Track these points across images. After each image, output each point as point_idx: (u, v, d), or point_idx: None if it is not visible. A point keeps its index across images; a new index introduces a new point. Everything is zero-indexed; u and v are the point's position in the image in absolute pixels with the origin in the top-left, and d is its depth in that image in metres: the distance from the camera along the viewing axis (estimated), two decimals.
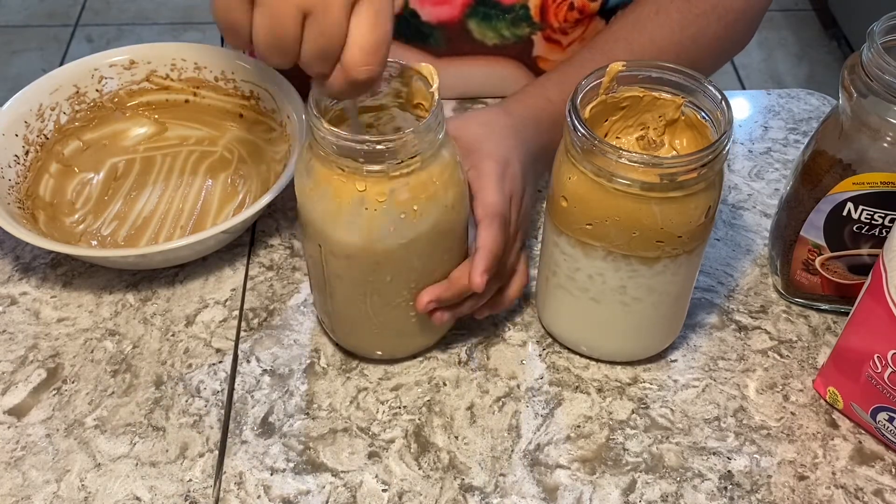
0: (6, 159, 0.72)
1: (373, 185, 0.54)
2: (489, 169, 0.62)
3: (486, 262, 0.58)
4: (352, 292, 0.60)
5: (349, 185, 0.54)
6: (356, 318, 0.61)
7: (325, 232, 0.56)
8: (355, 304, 0.60)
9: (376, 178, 0.54)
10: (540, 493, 0.58)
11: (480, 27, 0.81)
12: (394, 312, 0.61)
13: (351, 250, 0.56)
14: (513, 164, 0.64)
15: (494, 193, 0.61)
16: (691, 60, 0.70)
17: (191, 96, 0.81)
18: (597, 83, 0.58)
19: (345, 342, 0.65)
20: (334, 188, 0.54)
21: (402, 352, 0.65)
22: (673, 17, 0.73)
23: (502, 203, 0.61)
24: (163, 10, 2.45)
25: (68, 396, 0.63)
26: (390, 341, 0.64)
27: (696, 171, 0.53)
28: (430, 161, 0.55)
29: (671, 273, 0.58)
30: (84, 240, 0.72)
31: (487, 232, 0.59)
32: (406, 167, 0.54)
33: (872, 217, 0.61)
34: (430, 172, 0.55)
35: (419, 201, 0.55)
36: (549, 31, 0.81)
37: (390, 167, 0.53)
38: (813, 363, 0.66)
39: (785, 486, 0.59)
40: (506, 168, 0.63)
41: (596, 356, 0.66)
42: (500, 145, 0.64)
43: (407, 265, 0.58)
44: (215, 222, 0.73)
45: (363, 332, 0.63)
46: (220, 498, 0.58)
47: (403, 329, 0.62)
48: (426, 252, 0.58)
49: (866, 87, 0.57)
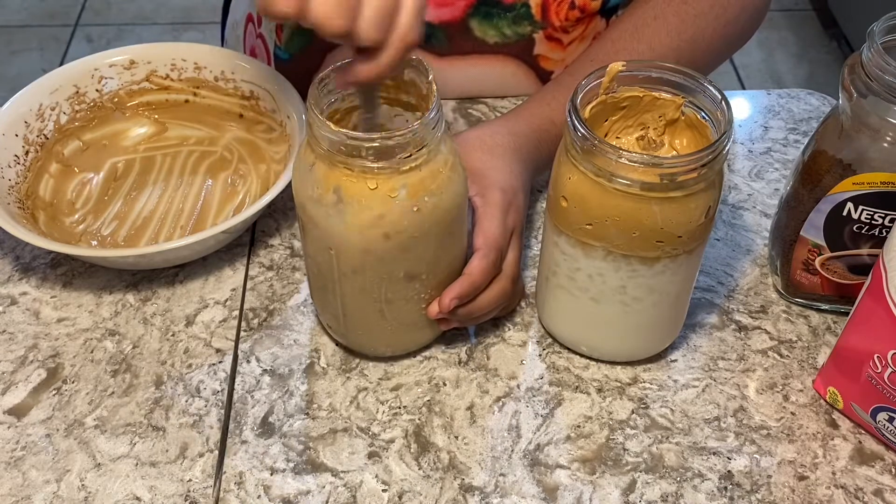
0: (6, 159, 0.72)
1: (384, 181, 0.54)
2: (495, 199, 0.63)
3: (463, 289, 0.60)
4: (364, 292, 0.59)
5: (359, 184, 0.54)
6: (368, 317, 0.61)
7: (337, 233, 0.56)
8: (368, 303, 0.60)
9: (387, 175, 0.54)
10: (540, 493, 0.58)
11: (482, 26, 0.81)
12: (406, 307, 0.61)
13: (365, 249, 0.56)
14: (518, 196, 0.65)
15: (497, 226, 0.62)
16: (690, 62, 0.71)
17: (191, 96, 0.81)
18: (597, 83, 0.58)
19: (354, 342, 0.65)
20: (344, 189, 0.54)
21: (412, 345, 0.65)
22: (671, 22, 0.73)
23: (502, 237, 0.62)
24: (163, 10, 2.45)
25: (68, 396, 0.63)
26: (401, 336, 0.64)
27: (696, 171, 0.53)
28: (435, 152, 0.55)
29: (671, 273, 0.58)
30: (84, 240, 0.72)
31: (480, 262, 0.61)
32: (414, 161, 0.54)
33: (872, 217, 0.61)
34: (438, 163, 0.56)
35: (430, 192, 0.55)
36: (550, 29, 0.81)
37: (401, 162, 0.54)
38: (813, 363, 0.66)
39: (785, 486, 0.59)
40: (512, 199, 0.64)
41: (596, 356, 0.66)
42: (506, 172, 0.66)
43: (419, 258, 0.58)
44: (215, 222, 0.73)
45: (375, 330, 0.63)
46: (220, 498, 0.58)
47: (415, 322, 0.63)
48: (437, 243, 0.58)
49: (866, 87, 0.57)
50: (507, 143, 0.68)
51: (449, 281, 0.61)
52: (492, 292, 0.62)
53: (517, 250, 0.64)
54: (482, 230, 0.62)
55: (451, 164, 0.57)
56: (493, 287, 0.62)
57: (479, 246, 0.61)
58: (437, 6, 0.80)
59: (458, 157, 0.58)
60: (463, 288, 0.60)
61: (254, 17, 0.92)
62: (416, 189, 0.55)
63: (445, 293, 0.60)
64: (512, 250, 0.64)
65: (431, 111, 0.54)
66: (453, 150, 0.58)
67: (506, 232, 0.63)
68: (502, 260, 0.63)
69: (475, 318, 0.63)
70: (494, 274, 0.62)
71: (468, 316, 0.62)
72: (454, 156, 0.57)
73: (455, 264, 0.61)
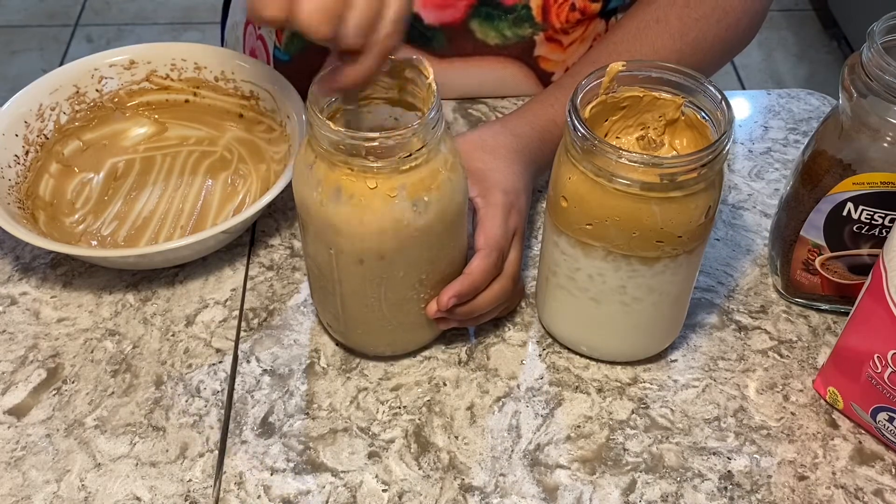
0: (6, 159, 0.72)
1: (383, 181, 0.54)
2: (497, 200, 0.64)
3: (463, 288, 0.61)
4: (364, 291, 0.60)
5: (359, 183, 0.54)
6: (368, 317, 0.61)
7: (337, 232, 0.56)
8: (367, 303, 0.60)
9: (386, 175, 0.54)
10: (540, 493, 0.58)
11: (483, 27, 0.81)
12: (406, 306, 0.61)
13: (365, 248, 0.56)
14: (520, 198, 0.66)
15: (499, 227, 0.62)
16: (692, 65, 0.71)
17: (191, 96, 0.81)
18: (597, 83, 0.58)
19: (354, 342, 0.65)
20: (344, 188, 0.54)
21: (412, 345, 0.65)
22: (673, 25, 0.73)
23: (504, 238, 0.63)
24: (163, 10, 2.45)
25: (68, 396, 0.63)
26: (400, 336, 0.64)
27: (696, 171, 0.53)
28: (435, 151, 0.55)
29: (671, 273, 0.58)
30: (84, 240, 0.72)
31: (481, 262, 0.61)
32: (414, 160, 0.54)
33: (872, 217, 0.61)
34: (437, 162, 0.56)
35: (429, 192, 0.55)
36: (550, 31, 0.81)
37: (400, 161, 0.54)
38: (813, 363, 0.66)
39: (785, 486, 0.59)
40: (514, 201, 0.65)
41: (596, 356, 0.66)
42: (508, 173, 0.66)
43: (418, 257, 0.58)
44: (215, 222, 0.73)
45: (374, 330, 0.63)
46: (220, 498, 0.58)
47: (415, 322, 0.63)
48: (436, 242, 0.58)
49: (866, 87, 0.57)
50: (509, 145, 0.68)
51: (448, 281, 0.61)
52: (491, 292, 0.62)
53: (518, 251, 0.64)
54: (484, 231, 0.62)
55: (451, 164, 0.57)
56: (493, 287, 0.62)
57: (480, 246, 0.62)
58: (437, 8, 0.80)
59: (459, 156, 0.58)
60: (462, 287, 0.60)
61: None
62: (415, 188, 0.55)
63: (444, 291, 0.60)
64: (513, 251, 0.64)
65: (431, 111, 0.54)
66: (454, 150, 0.58)
67: (507, 233, 0.63)
68: (503, 260, 0.63)
69: (474, 319, 0.63)
70: (495, 274, 0.62)
71: (467, 315, 0.62)
72: (454, 156, 0.57)
73: (455, 265, 0.61)
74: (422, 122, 0.53)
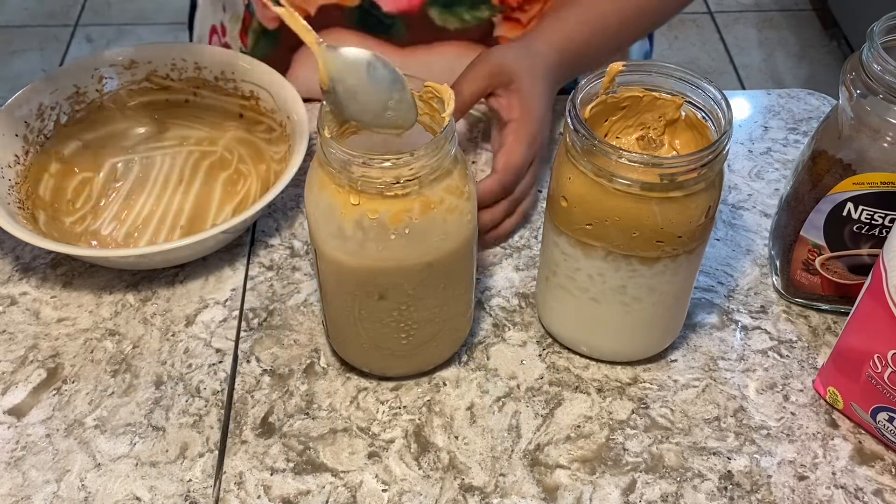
0: (6, 159, 0.72)
1: (367, 200, 0.53)
2: (527, 127, 0.68)
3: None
4: (341, 303, 0.59)
5: (343, 196, 0.53)
6: (346, 330, 0.61)
7: (317, 239, 0.57)
8: (345, 316, 0.60)
9: (370, 196, 0.53)
10: (540, 493, 0.58)
11: (441, 14, 0.82)
12: (383, 331, 0.60)
13: (338, 262, 0.56)
14: (545, 130, 0.71)
15: (522, 153, 0.68)
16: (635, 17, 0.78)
17: (191, 96, 0.81)
18: (597, 83, 0.58)
19: (338, 351, 0.65)
20: (330, 197, 0.54)
21: (391, 372, 0.64)
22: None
23: (523, 165, 0.68)
24: (163, 10, 2.45)
25: (68, 396, 0.63)
26: (378, 360, 0.63)
27: (696, 171, 0.53)
28: (431, 186, 0.53)
29: (671, 273, 0.58)
30: (84, 240, 0.72)
31: (491, 183, 0.67)
32: (401, 189, 0.53)
33: (872, 217, 0.61)
34: (429, 199, 0.54)
35: (411, 226, 0.54)
36: (507, 10, 0.82)
37: (386, 186, 0.52)
38: (813, 363, 0.66)
39: (785, 486, 0.59)
40: (541, 129, 0.70)
41: (596, 356, 0.66)
42: (544, 99, 0.71)
43: (396, 289, 0.57)
44: (215, 222, 0.73)
45: (353, 345, 0.62)
46: (220, 498, 0.58)
47: (395, 350, 0.61)
48: (417, 280, 0.57)
49: (866, 87, 0.57)
50: (536, 67, 0.72)
51: (430, 322, 0.60)
52: (496, 211, 0.68)
53: (533, 176, 0.71)
54: (506, 151, 0.67)
55: (448, 208, 0.55)
56: (499, 206, 0.68)
57: (498, 168, 0.67)
58: None
59: (471, 183, 0.57)
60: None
61: (217, 28, 0.92)
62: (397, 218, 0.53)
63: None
64: (528, 175, 0.70)
65: (427, 144, 0.52)
66: (458, 195, 0.55)
67: (527, 161, 0.68)
68: (516, 185, 0.68)
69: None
70: (503, 196, 0.67)
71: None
72: (456, 202, 0.55)
73: (448, 308, 0.60)
74: (414, 153, 0.51)
